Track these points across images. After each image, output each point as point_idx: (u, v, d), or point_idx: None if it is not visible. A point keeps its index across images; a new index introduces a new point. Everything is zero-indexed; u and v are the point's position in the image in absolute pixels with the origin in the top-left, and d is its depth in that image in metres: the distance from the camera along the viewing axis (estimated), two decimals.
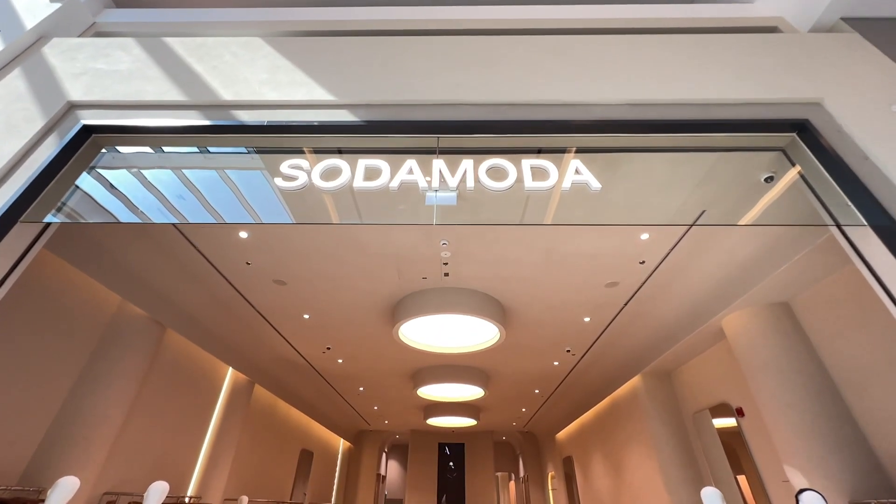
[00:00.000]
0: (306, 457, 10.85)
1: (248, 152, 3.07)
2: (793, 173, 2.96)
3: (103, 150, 3.03)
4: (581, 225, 3.67)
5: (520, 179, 2.73)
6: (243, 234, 4.23)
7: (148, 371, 4.92)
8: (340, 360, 7.96)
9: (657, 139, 3.09)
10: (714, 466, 5.97)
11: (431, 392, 9.23)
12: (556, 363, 7.93)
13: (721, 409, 5.97)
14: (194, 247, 4.39)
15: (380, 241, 4.38)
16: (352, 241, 4.38)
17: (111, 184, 2.87)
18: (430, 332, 6.46)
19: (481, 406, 11.35)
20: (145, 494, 2.97)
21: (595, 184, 2.70)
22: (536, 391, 9.89)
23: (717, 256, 4.32)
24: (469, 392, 9.18)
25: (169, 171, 2.95)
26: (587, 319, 6.07)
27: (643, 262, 4.64)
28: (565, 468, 11.97)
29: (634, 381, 7.28)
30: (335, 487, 13.54)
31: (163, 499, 3.01)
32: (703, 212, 4.03)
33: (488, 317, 5.36)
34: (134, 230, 4.14)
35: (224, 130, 3.02)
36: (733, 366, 5.43)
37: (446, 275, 5.02)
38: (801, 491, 2.75)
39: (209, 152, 3.07)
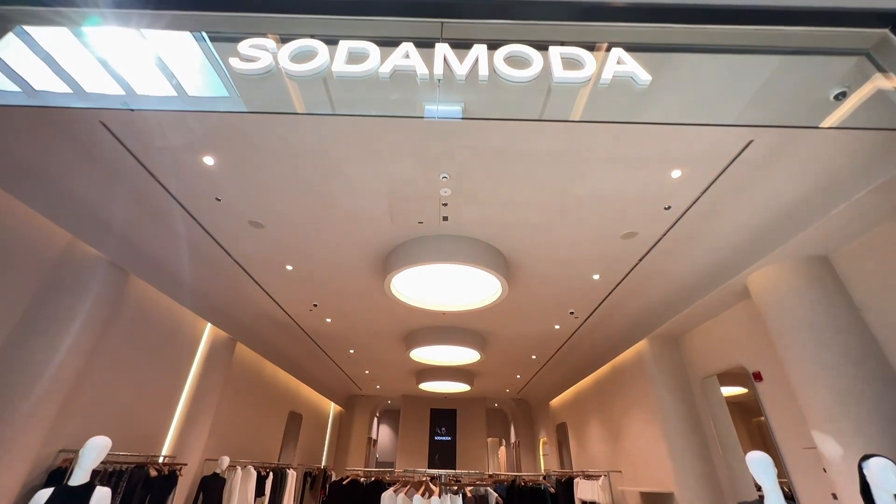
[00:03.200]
0: (295, 419, 10.58)
1: (195, 37, 2.41)
2: (880, 80, 2.40)
3: (10, 32, 2.38)
4: (617, 122, 3.06)
5: (547, 69, 2.13)
6: (208, 160, 3.60)
7: (109, 320, 4.37)
8: (329, 320, 7.48)
9: (712, 33, 2.47)
10: (721, 433, 5.66)
11: (425, 355, 8.85)
12: (557, 326, 7.52)
13: (729, 377, 5.62)
14: (151, 174, 3.76)
15: (370, 174, 3.77)
16: (337, 173, 3.77)
17: (19, 74, 2.24)
18: (425, 288, 5.95)
19: (475, 371, 11.06)
20: (80, 451, 2.48)
21: (644, 76, 2.12)
22: (533, 357, 9.56)
23: (760, 198, 3.78)
24: (464, 356, 8.81)
25: (89, 55, 2.29)
26: (596, 277, 5.59)
27: (668, 207, 4.09)
28: (558, 434, 11.86)
29: (640, 345, 6.89)
30: (325, 450, 13.42)
31: (102, 457, 2.54)
32: (751, 141, 3.48)
33: (490, 268, 4.83)
34: (75, 151, 3.50)
35: (166, 5, 2.36)
36: (751, 328, 5.02)
37: (445, 219, 4.44)
38: (867, 457, 2.33)
39: (143, 37, 2.40)
